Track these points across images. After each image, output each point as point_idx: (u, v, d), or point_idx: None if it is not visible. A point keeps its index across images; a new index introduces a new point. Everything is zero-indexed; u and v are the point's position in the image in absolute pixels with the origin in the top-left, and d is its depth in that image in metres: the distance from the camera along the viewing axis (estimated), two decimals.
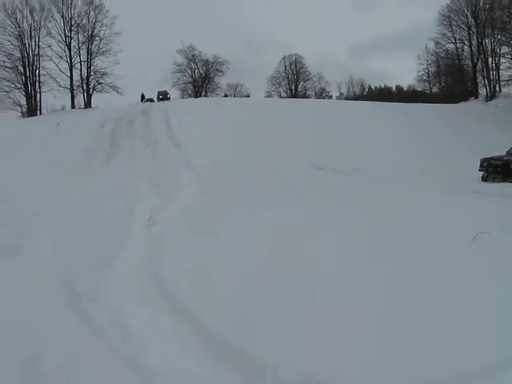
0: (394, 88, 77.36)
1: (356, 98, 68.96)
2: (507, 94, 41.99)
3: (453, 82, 53.48)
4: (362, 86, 78.82)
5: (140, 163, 23.29)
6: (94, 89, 42.99)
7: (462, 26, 45.70)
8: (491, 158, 16.33)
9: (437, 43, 50.29)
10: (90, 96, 42.72)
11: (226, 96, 62.43)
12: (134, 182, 17.99)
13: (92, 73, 42.42)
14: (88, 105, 41.76)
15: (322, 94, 73.90)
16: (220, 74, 61.47)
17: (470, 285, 4.83)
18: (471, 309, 4.27)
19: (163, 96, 45.18)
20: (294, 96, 64.07)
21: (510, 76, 41.55)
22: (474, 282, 4.93)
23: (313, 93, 70.66)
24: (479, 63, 45.61)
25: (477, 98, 44.26)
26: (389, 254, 6.05)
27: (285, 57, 67.75)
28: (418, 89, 63.92)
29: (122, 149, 26.70)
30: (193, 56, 59.33)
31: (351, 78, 76.22)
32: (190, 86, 60.84)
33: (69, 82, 40.53)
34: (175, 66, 58.93)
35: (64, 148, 25.56)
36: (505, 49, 40.68)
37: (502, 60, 42.04)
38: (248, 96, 65.50)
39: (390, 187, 13.10)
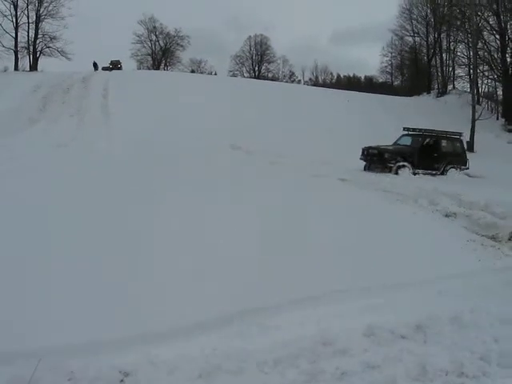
0: (362, 78, 77.27)
1: (321, 85, 68.54)
2: (459, 91, 42.26)
3: (410, 75, 53.75)
4: (330, 73, 78.52)
5: (61, 130, 22.77)
6: (41, 52, 41.40)
7: (421, 19, 45.81)
8: (369, 147, 15.68)
9: (396, 35, 50.39)
10: (36, 59, 41.08)
11: (193, 71, 61.38)
12: (40, 148, 17.60)
13: (40, 35, 40.77)
14: (34, 68, 40.17)
15: (290, 77, 73.51)
16: (180, 48, 60.10)
17: None
18: None
19: (113, 66, 43.85)
20: (257, 77, 63.32)
21: (458, 74, 41.96)
22: None
23: (279, 76, 70.14)
24: (434, 59, 45.83)
25: (429, 93, 44.46)
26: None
27: (250, 37, 66.80)
28: (380, 80, 64.14)
29: (49, 115, 26.02)
30: (154, 28, 57.91)
31: (316, 64, 75.67)
32: (149, 58, 59.49)
33: (13, 43, 38.91)
34: (135, 36, 57.59)
35: None
36: (461, 46, 40.66)
37: (457, 58, 42.08)
38: (215, 74, 64.54)
39: (274, 169, 13.10)
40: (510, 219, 8.22)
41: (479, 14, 33.18)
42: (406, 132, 16.87)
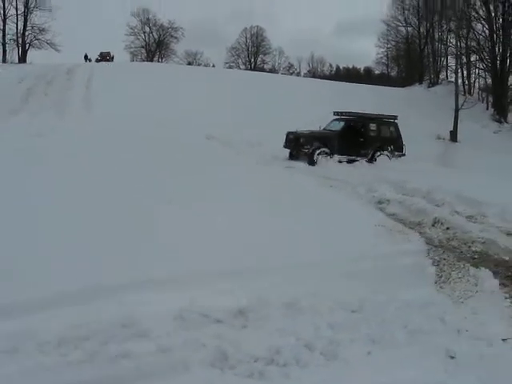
0: (362, 69, 76.28)
1: (319, 76, 67.88)
2: (449, 81, 41.83)
3: (405, 66, 53.29)
4: (330, 65, 77.59)
5: (40, 121, 22.65)
6: (30, 44, 41.35)
7: (412, 9, 45.34)
8: (290, 133, 14.79)
9: (389, 25, 49.80)
10: (25, 51, 41.06)
11: (189, 64, 61.13)
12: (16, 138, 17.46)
13: (29, 27, 40.74)
14: (23, 60, 40.12)
15: (289, 69, 73.14)
16: (175, 40, 59.82)
17: None
18: None
19: (103, 57, 43.60)
20: (253, 68, 62.99)
21: (449, 64, 41.58)
22: None
23: (276, 68, 69.66)
24: (426, 49, 45.36)
25: (421, 83, 44.02)
26: None
27: (246, 28, 66.34)
28: (377, 71, 63.65)
29: (30, 106, 25.89)
30: (147, 20, 57.63)
31: (312, 55, 74.88)
32: (143, 50, 59.22)
33: (1, 35, 38.76)
34: (128, 28, 57.38)
35: None
36: (450, 36, 40.08)
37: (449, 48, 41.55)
38: (212, 66, 64.09)
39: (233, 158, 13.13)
40: (448, 205, 8.07)
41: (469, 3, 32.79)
42: (337, 116, 15.85)
